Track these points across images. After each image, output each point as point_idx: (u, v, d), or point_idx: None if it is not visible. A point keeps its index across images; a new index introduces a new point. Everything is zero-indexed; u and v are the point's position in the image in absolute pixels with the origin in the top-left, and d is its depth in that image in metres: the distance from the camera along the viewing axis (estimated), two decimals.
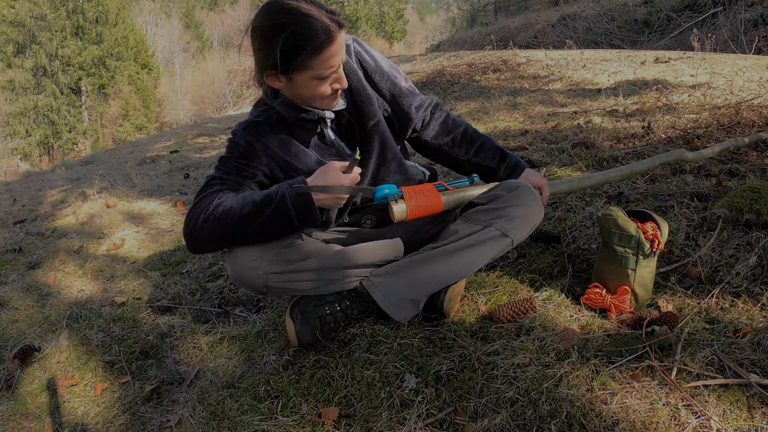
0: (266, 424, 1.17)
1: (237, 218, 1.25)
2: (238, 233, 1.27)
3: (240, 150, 1.39)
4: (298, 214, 1.25)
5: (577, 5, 11.95)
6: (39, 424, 1.34)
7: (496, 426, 1.08)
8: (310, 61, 1.20)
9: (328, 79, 1.26)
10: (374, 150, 1.46)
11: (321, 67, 1.22)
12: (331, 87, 1.28)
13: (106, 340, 1.65)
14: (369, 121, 1.44)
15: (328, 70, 1.23)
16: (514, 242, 1.39)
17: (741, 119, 2.82)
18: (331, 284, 1.40)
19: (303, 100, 1.33)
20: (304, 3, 1.19)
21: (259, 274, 1.32)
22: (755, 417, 1.01)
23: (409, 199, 1.30)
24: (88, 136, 24.68)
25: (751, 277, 1.44)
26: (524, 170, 1.55)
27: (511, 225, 1.36)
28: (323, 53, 1.19)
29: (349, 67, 1.41)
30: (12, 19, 22.98)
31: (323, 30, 1.17)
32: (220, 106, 18.89)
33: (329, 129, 1.44)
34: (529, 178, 1.53)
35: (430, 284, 1.40)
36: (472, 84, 6.04)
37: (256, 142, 1.40)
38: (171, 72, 31.81)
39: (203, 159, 5.15)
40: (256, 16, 1.23)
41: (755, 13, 8.04)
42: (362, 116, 1.43)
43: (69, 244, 2.71)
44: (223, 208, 1.26)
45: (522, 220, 1.37)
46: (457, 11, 32.87)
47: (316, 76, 1.24)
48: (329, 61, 1.22)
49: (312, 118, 1.38)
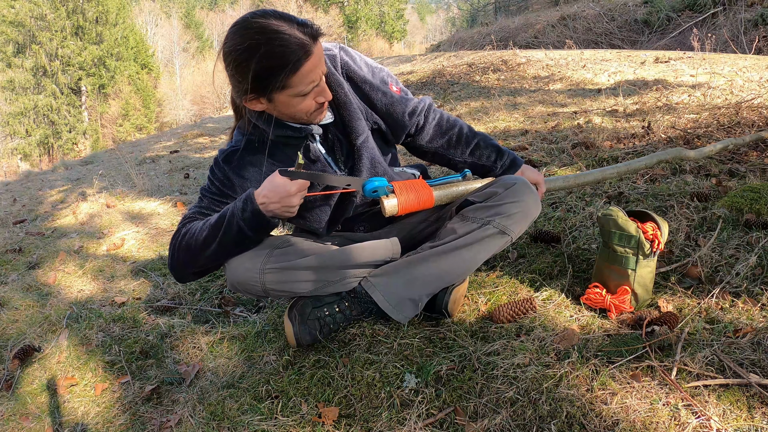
0: (266, 424, 1.17)
1: (199, 242, 1.30)
2: (203, 256, 1.32)
3: (216, 184, 1.39)
4: (248, 225, 1.26)
5: (577, 5, 11.95)
6: (39, 424, 1.34)
7: (496, 426, 1.08)
8: (289, 80, 1.16)
9: (311, 94, 1.22)
10: (364, 167, 1.41)
11: (301, 84, 1.18)
12: (315, 101, 1.24)
13: (106, 340, 1.65)
14: (357, 138, 1.38)
15: (308, 86, 1.19)
16: (513, 239, 1.38)
17: (741, 119, 2.82)
18: (329, 285, 1.40)
19: (288, 117, 1.30)
20: (273, 19, 1.14)
21: (254, 278, 1.33)
22: (755, 417, 1.01)
23: (400, 194, 1.29)
24: (88, 136, 24.69)
25: (751, 277, 1.44)
26: (521, 167, 1.54)
27: (509, 222, 1.34)
28: (301, 70, 1.15)
29: (335, 80, 1.34)
30: (12, 19, 22.99)
31: (298, 46, 1.13)
32: (220, 106, 18.89)
33: (318, 143, 1.40)
34: (525, 174, 1.52)
35: (429, 284, 1.39)
36: (472, 84, 6.05)
37: (232, 174, 1.38)
38: (171, 72, 31.83)
39: (203, 159, 5.15)
40: (225, 40, 1.18)
41: (755, 13, 8.04)
42: (350, 132, 1.38)
43: (69, 244, 2.71)
44: (188, 236, 1.32)
45: (520, 216, 1.35)
46: (457, 11, 32.87)
47: (298, 94, 1.20)
48: (308, 77, 1.17)
49: (298, 135, 1.34)
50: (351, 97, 1.37)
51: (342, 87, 1.36)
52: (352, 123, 1.37)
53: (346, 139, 1.40)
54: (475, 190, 1.42)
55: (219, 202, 1.39)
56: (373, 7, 31.94)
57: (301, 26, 1.15)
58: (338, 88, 1.35)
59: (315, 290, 1.40)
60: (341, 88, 1.35)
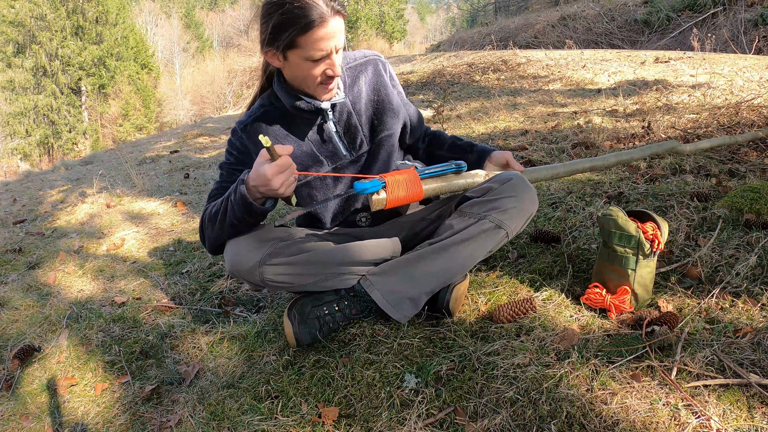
0: (266, 424, 1.17)
1: (214, 220, 1.37)
2: (220, 231, 1.37)
3: (234, 153, 1.46)
4: (238, 208, 1.30)
5: (577, 5, 11.95)
6: (39, 424, 1.34)
7: (496, 426, 1.08)
8: (299, 38, 1.23)
9: (321, 64, 1.28)
10: (380, 159, 1.50)
11: (310, 47, 1.24)
12: (324, 73, 1.30)
13: (106, 340, 1.65)
14: (383, 131, 1.48)
15: (318, 53, 1.25)
16: (509, 234, 1.38)
17: (741, 119, 2.82)
18: (328, 280, 1.40)
19: (299, 83, 1.36)
20: None
21: (254, 267, 1.34)
22: (755, 417, 1.01)
23: (390, 191, 1.30)
24: (88, 136, 24.68)
25: (751, 277, 1.44)
26: (491, 153, 1.56)
27: (505, 216, 1.35)
28: (312, 33, 1.22)
29: (381, 81, 1.50)
30: (12, 19, 22.97)
31: (316, 12, 1.21)
32: (220, 106, 18.89)
33: (330, 122, 1.45)
34: (495, 158, 1.54)
35: (428, 282, 1.39)
36: (472, 84, 6.05)
37: (249, 143, 1.44)
38: (171, 72, 31.81)
39: (203, 159, 5.15)
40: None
41: (755, 13, 8.04)
42: (379, 124, 1.48)
43: (69, 244, 2.71)
44: (207, 214, 1.40)
45: (516, 211, 1.36)
46: (457, 11, 32.88)
47: (308, 57, 1.26)
48: (319, 43, 1.24)
49: (309, 109, 1.40)
50: (392, 98, 1.51)
51: (386, 88, 1.51)
52: (384, 117, 1.49)
53: (371, 129, 1.49)
54: (466, 184, 1.43)
55: (238, 171, 1.43)
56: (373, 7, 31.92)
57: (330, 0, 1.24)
58: (382, 87, 1.50)
59: (313, 285, 1.40)
60: (385, 89, 1.50)
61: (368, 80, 1.50)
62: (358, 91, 1.48)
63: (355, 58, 1.51)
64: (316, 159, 1.46)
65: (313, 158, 1.45)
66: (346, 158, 1.47)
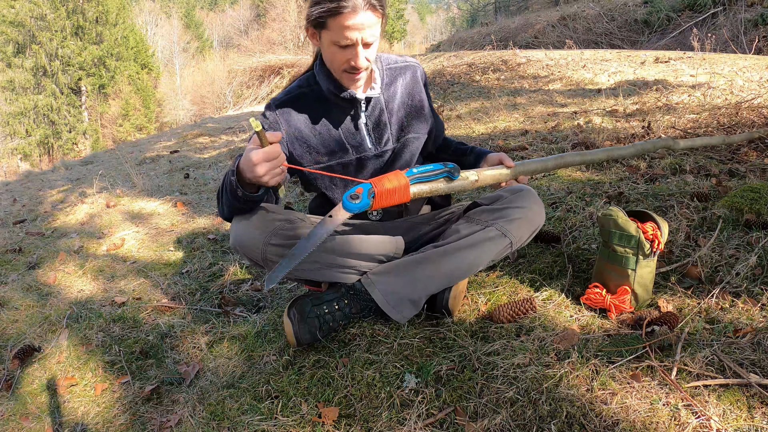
0: (266, 424, 1.17)
1: (220, 195, 1.37)
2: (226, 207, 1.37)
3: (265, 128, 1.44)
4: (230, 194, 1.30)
5: (577, 5, 11.95)
6: (39, 424, 1.34)
7: (496, 426, 1.08)
8: (330, 20, 1.26)
9: (346, 51, 1.30)
10: (402, 158, 1.53)
11: (338, 33, 1.27)
12: (348, 62, 1.31)
13: (106, 340, 1.65)
14: (410, 133, 1.52)
15: (343, 40, 1.27)
16: (514, 244, 1.40)
17: (741, 119, 2.82)
18: (326, 270, 1.40)
19: (328, 65, 1.38)
20: None
21: (258, 246, 1.35)
22: (755, 417, 1.01)
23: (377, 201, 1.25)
24: (88, 136, 24.67)
25: (751, 277, 1.44)
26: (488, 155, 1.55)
27: (512, 226, 1.38)
28: (341, 18, 1.24)
29: (417, 87, 1.54)
30: (12, 19, 22.96)
31: (351, 1, 1.23)
32: (220, 106, 18.88)
33: (363, 114, 1.47)
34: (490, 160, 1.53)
35: (429, 284, 1.40)
36: (472, 84, 6.05)
37: (282, 119, 1.45)
38: (171, 72, 31.81)
39: (203, 159, 5.14)
40: None
41: (755, 13, 8.04)
42: (407, 126, 1.52)
43: (69, 244, 2.71)
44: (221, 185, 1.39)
45: (523, 222, 1.39)
46: (457, 11, 32.87)
47: (335, 42, 1.29)
48: (345, 31, 1.26)
49: (344, 96, 1.41)
50: (426, 104, 1.56)
51: (421, 94, 1.55)
52: (414, 121, 1.53)
53: (400, 129, 1.52)
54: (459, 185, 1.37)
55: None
56: None
57: None
58: (417, 93, 1.54)
59: (312, 273, 1.41)
60: (419, 95, 1.55)
61: (405, 84, 1.53)
62: (393, 92, 1.51)
63: (396, 61, 1.55)
64: (342, 147, 1.47)
65: (340, 145, 1.47)
66: (371, 151, 1.49)
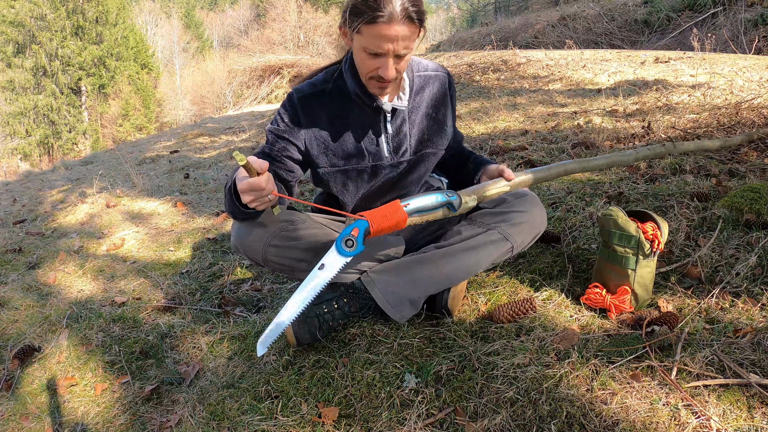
0: (266, 424, 1.17)
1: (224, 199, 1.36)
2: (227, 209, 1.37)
3: (285, 121, 1.41)
4: (228, 205, 1.31)
5: (577, 5, 11.94)
6: (39, 424, 1.34)
7: (496, 426, 1.08)
8: (363, 26, 1.21)
9: (375, 60, 1.25)
10: (417, 171, 1.50)
11: (368, 40, 1.22)
12: (376, 70, 1.27)
13: (106, 340, 1.65)
14: (428, 148, 1.49)
15: (375, 48, 1.23)
16: (515, 248, 1.40)
17: (741, 119, 2.82)
18: None
19: (358, 70, 1.33)
20: None
21: (259, 246, 1.36)
22: (755, 417, 1.01)
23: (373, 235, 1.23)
24: (88, 136, 24.66)
25: (751, 277, 1.44)
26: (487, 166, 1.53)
27: (514, 230, 1.37)
28: (375, 27, 1.20)
29: (444, 100, 1.50)
30: (12, 19, 22.96)
31: (388, 10, 1.18)
32: (220, 106, 18.88)
33: (389, 123, 1.43)
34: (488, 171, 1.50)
35: (430, 285, 1.40)
36: (472, 84, 6.05)
37: (302, 113, 1.40)
38: (171, 72, 31.80)
39: (203, 159, 5.14)
40: None
41: (755, 13, 8.04)
42: (427, 140, 1.48)
43: (69, 244, 2.71)
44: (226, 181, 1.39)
45: (525, 226, 1.38)
46: (457, 11, 32.88)
47: (365, 48, 1.24)
48: (377, 41, 1.21)
49: (369, 103, 1.37)
50: (449, 119, 1.52)
51: (446, 108, 1.51)
52: (434, 137, 1.50)
53: (418, 142, 1.47)
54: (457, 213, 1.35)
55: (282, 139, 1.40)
56: None
57: (406, 4, 1.20)
58: (442, 107, 1.50)
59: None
60: (444, 108, 1.50)
61: (432, 95, 1.48)
62: (419, 102, 1.46)
63: (427, 68, 1.50)
64: (360, 152, 1.43)
65: (357, 150, 1.43)
66: (387, 161, 1.45)
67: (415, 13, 1.20)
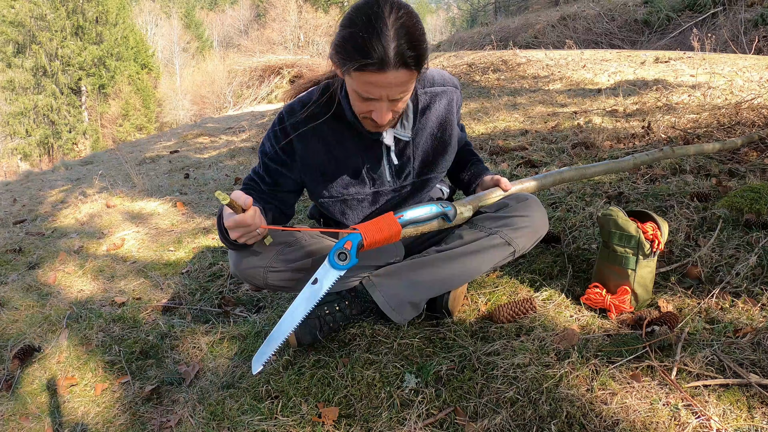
0: (266, 424, 1.17)
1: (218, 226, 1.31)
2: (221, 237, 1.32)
3: (275, 148, 1.34)
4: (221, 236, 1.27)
5: (577, 5, 11.94)
6: (39, 424, 1.34)
7: (496, 426, 1.08)
8: (352, 71, 1.09)
9: (367, 103, 1.15)
10: (419, 196, 1.47)
11: (359, 86, 1.11)
12: (370, 113, 1.17)
13: (106, 340, 1.65)
14: (432, 172, 1.44)
15: (365, 93, 1.12)
16: (516, 252, 1.39)
17: (741, 119, 2.82)
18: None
19: (352, 106, 1.23)
20: (390, 19, 1.05)
21: (258, 272, 1.34)
22: (755, 417, 1.01)
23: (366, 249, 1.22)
24: (88, 136, 24.67)
25: (751, 277, 1.44)
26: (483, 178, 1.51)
27: (516, 234, 1.36)
28: (365, 75, 1.08)
29: (450, 119, 1.41)
30: (12, 19, 22.96)
31: (378, 55, 1.04)
32: (220, 106, 18.89)
33: (392, 152, 1.35)
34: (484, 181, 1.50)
35: (431, 288, 1.40)
36: (472, 84, 6.05)
37: (296, 140, 1.31)
38: (171, 72, 31.81)
39: (203, 159, 5.15)
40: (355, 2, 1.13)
41: (755, 13, 8.04)
42: (432, 163, 1.42)
43: (69, 244, 2.71)
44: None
45: (527, 230, 1.37)
46: (457, 11, 32.86)
47: (356, 91, 1.14)
48: (367, 87, 1.10)
49: (368, 135, 1.30)
50: (453, 138, 1.45)
51: (452, 127, 1.43)
52: (438, 160, 1.44)
53: (422, 166, 1.42)
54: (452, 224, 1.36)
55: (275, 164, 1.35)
56: None
57: (403, 46, 1.05)
58: (448, 126, 1.42)
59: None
60: (451, 127, 1.43)
61: (439, 113, 1.39)
62: (424, 122, 1.38)
63: (434, 82, 1.38)
64: (360, 178, 1.37)
65: (357, 175, 1.37)
66: (389, 185, 1.41)
67: (411, 59, 1.06)
